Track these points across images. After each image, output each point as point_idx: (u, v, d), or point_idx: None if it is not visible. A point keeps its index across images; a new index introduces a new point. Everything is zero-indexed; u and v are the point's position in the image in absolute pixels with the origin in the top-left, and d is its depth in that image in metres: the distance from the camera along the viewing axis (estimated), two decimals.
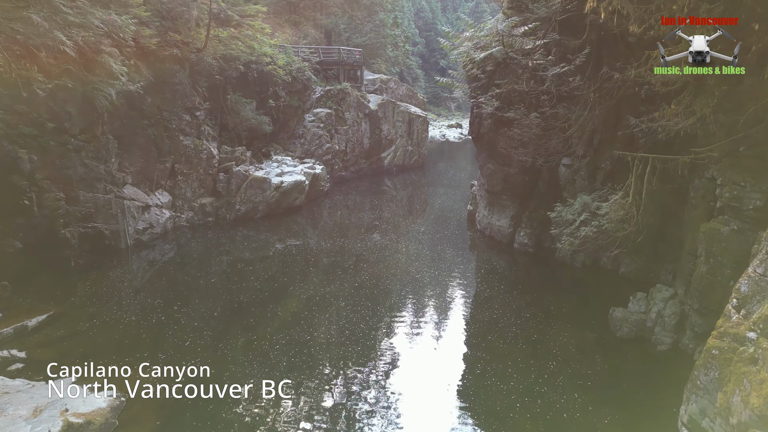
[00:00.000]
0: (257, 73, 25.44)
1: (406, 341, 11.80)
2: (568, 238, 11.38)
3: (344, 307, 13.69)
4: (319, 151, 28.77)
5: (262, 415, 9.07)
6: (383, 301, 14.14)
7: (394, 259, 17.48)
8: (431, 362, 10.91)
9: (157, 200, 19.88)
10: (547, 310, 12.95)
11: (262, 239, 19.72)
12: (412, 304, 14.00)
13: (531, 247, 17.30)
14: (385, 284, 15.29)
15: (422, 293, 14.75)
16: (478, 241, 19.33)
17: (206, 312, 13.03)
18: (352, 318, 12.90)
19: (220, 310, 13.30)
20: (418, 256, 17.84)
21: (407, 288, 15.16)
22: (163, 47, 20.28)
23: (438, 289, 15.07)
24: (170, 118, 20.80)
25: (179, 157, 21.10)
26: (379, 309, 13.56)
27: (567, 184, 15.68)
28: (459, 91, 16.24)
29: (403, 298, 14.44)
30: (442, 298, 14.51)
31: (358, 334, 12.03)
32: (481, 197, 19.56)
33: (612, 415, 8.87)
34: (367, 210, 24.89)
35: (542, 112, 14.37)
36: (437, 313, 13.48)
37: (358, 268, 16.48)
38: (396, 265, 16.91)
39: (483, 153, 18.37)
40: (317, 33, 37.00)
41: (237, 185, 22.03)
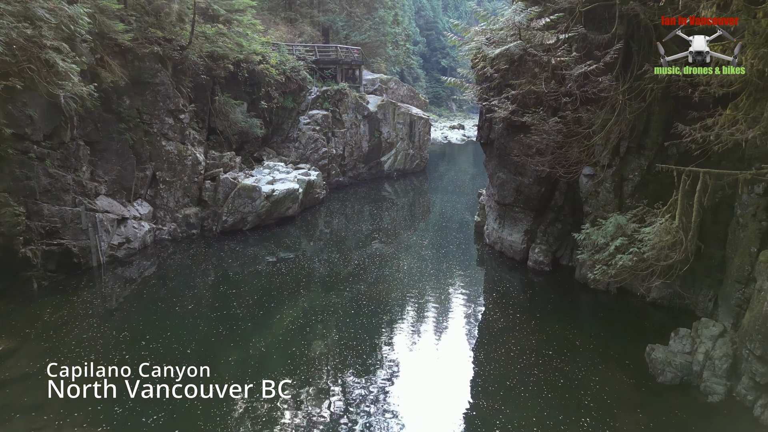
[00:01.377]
0: (248, 73, 23.73)
1: (406, 391, 10.06)
2: (601, 266, 9.68)
3: (337, 341, 11.97)
4: (314, 156, 27.05)
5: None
6: (379, 331, 12.43)
7: (393, 279, 15.75)
8: (434, 413, 9.19)
9: (136, 212, 18.16)
10: (572, 345, 11.22)
11: (249, 254, 18.00)
12: (412, 338, 12.26)
13: (547, 266, 15.58)
14: (383, 309, 13.58)
15: (425, 322, 13.02)
16: (487, 258, 17.59)
17: (183, 344, 11.29)
18: (344, 355, 11.19)
19: (199, 340, 11.57)
20: (420, 275, 16.13)
21: (407, 315, 13.44)
22: (142, 44, 18.59)
23: (443, 318, 13.34)
24: (151, 121, 19.10)
25: (161, 164, 19.39)
26: (375, 341, 11.86)
27: (589, 197, 13.96)
28: (469, 92, 14.47)
29: (403, 330, 12.70)
30: (447, 329, 12.77)
31: (351, 371, 10.33)
32: (491, 208, 17.84)
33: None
34: (366, 219, 23.17)
35: (563, 116, 12.65)
36: (442, 349, 11.74)
37: (353, 290, 14.75)
38: (396, 287, 15.19)
39: (493, 161, 16.65)
40: (314, 31, 35.29)
41: (224, 194, 20.31)
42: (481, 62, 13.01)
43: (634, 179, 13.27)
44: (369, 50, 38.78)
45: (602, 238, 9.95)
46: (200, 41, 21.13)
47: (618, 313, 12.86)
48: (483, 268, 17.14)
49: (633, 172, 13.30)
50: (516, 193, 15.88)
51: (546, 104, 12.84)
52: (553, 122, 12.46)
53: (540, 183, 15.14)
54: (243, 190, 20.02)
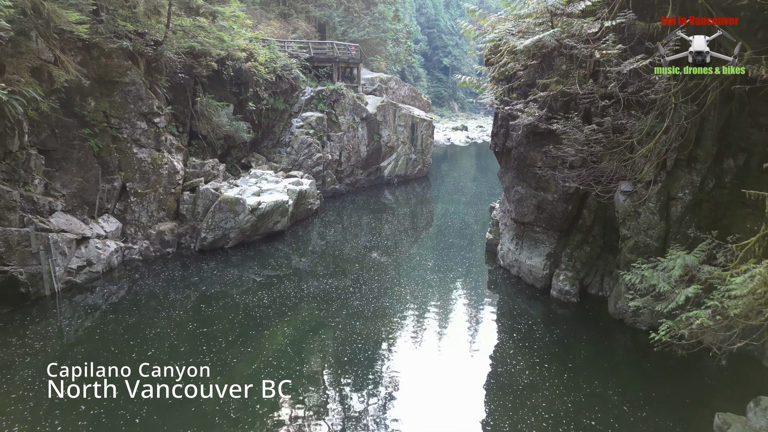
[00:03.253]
0: (234, 72, 21.53)
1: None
2: (665, 321, 7.43)
3: (318, 402, 9.74)
4: (308, 162, 24.81)
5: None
6: (374, 382, 10.19)
7: (394, 313, 13.52)
8: None
9: (100, 229, 15.92)
10: (619, 412, 8.97)
11: (230, 276, 15.73)
12: (413, 397, 10.00)
13: (574, 296, 13.34)
14: (379, 353, 11.35)
15: (429, 376, 10.70)
16: (502, 283, 15.33)
17: (154, 381, 8.99)
18: (328, 418, 8.97)
19: (169, 379, 9.29)
20: (424, 306, 13.91)
21: (409, 362, 11.18)
22: (110, 38, 16.39)
23: (454, 369, 11.00)
24: (120, 125, 16.90)
25: (132, 174, 17.18)
26: (367, 396, 9.63)
27: (627, 218, 11.72)
28: (487, 94, 12.15)
29: (402, 384, 10.44)
30: (460, 385, 10.47)
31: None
32: (506, 226, 15.58)
33: None
34: (363, 234, 20.93)
35: (600, 123, 10.40)
36: (454, 414, 9.50)
37: (347, 327, 12.49)
38: (396, 322, 12.96)
39: (510, 172, 14.41)
40: (309, 27, 33.05)
41: (205, 207, 18.08)
42: (504, 56, 10.74)
43: (684, 198, 11.04)
44: (368, 48, 36.53)
45: (665, 283, 7.74)
46: (178, 36, 18.91)
47: (668, 362, 10.60)
48: (498, 296, 14.88)
49: (682, 190, 11.07)
50: (537, 210, 13.64)
51: (580, 108, 10.58)
52: (589, 130, 10.20)
53: (567, 200, 12.90)
54: (225, 203, 17.78)
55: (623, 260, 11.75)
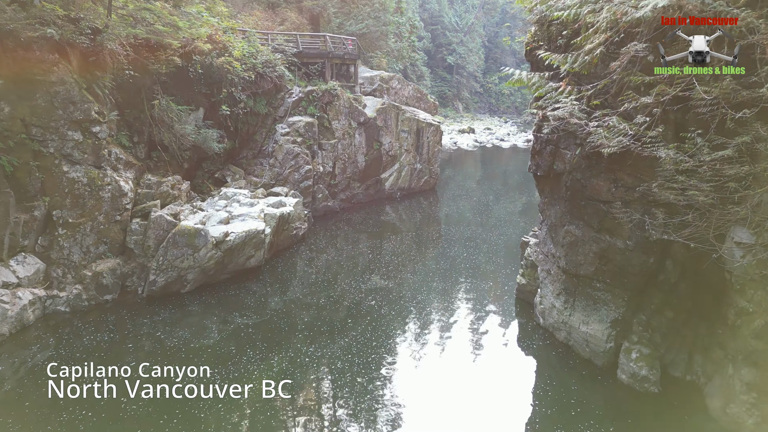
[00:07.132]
0: (203, 68, 17.71)
1: None
2: None
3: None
4: (295, 176, 20.95)
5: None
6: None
7: (394, 404, 9.65)
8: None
9: (9, 275, 12.10)
10: None
11: (173, 339, 11.85)
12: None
13: (653, 384, 9.43)
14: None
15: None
16: (545, 354, 11.34)
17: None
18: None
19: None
20: (435, 388, 10.04)
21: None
22: (29, 25, 12.62)
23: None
24: (45, 137, 13.16)
25: (61, 199, 13.39)
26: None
27: (750, 284, 7.80)
28: (565, 103, 8.08)
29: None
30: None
31: None
32: (549, 275, 11.63)
33: None
34: (359, 268, 17.00)
35: (720, 145, 6.52)
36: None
37: (334, 420, 8.64)
38: (398, 419, 9.11)
39: (558, 205, 10.51)
40: (300, 18, 29.16)
41: (157, 239, 14.22)
42: (593, 36, 6.82)
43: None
44: (367, 42, 32.62)
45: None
46: (127, 23, 15.06)
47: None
48: (540, 374, 10.84)
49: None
50: (600, 260, 9.73)
51: (669, 119, 6.68)
52: (706, 149, 6.30)
53: (647, 250, 8.98)
54: (181, 235, 13.90)
55: (742, 347, 7.86)
